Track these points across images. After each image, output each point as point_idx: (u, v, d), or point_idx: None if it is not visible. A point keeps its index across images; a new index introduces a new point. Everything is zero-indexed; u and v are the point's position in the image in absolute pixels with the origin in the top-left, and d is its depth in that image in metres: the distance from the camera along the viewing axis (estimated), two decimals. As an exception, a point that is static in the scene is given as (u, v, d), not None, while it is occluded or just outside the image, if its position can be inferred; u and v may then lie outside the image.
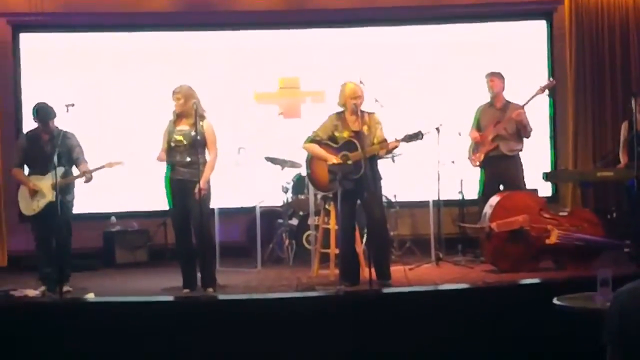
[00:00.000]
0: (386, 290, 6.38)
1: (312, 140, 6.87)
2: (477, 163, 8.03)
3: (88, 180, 6.97)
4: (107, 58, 9.53)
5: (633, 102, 7.55)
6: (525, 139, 7.98)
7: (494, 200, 7.39)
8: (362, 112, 6.77)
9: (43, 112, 6.97)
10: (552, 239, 7.16)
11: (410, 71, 9.59)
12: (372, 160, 6.71)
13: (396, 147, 6.72)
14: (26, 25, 9.46)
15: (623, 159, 8.07)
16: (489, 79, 8.02)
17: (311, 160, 6.94)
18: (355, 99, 6.72)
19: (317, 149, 6.83)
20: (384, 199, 7.29)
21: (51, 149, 6.76)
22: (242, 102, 9.50)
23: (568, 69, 9.37)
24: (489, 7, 9.63)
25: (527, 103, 7.95)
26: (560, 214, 7.54)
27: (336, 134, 6.80)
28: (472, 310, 5.49)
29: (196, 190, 6.57)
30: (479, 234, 7.67)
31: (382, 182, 6.90)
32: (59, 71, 9.41)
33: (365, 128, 6.71)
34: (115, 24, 9.58)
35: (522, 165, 7.99)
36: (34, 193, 6.94)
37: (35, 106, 7.05)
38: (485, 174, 8.01)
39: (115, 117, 9.37)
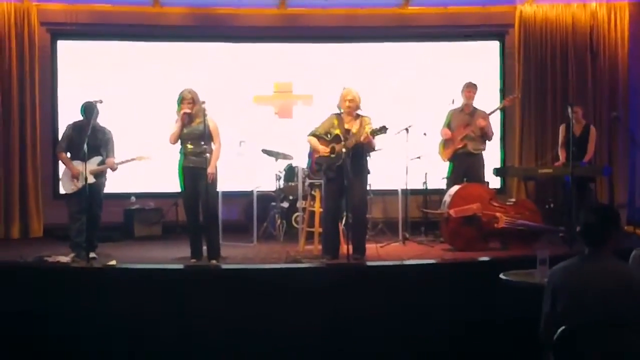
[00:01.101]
0: (361, 263, 6.41)
1: (312, 134, 6.89)
2: (447, 158, 8.07)
3: (113, 170, 7.12)
4: (129, 63, 9.48)
5: (569, 110, 7.62)
6: (487, 141, 8.04)
7: (452, 190, 7.41)
8: (358, 114, 6.76)
9: (89, 110, 6.96)
10: (500, 224, 7.20)
11: (385, 80, 9.57)
12: (359, 154, 6.66)
13: (368, 139, 6.57)
14: (63, 33, 9.37)
15: (562, 155, 8.13)
16: (466, 89, 8.03)
17: (312, 150, 7.00)
18: (346, 101, 6.72)
19: (314, 141, 6.86)
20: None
21: (91, 141, 6.76)
22: (243, 103, 9.48)
23: (516, 81, 9.38)
24: (453, 29, 9.63)
25: (492, 113, 8.04)
26: (507, 203, 7.56)
27: (332, 130, 6.80)
28: (432, 281, 5.54)
29: (205, 175, 6.63)
30: (439, 218, 7.69)
31: (369, 176, 6.90)
32: (88, 72, 9.34)
33: (355, 128, 6.68)
34: (136, 34, 9.51)
35: (484, 162, 8.02)
36: (75, 176, 6.95)
37: (83, 105, 7.04)
38: (454, 168, 8.03)
39: (134, 113, 9.31)
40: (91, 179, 6.82)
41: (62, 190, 7.33)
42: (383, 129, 6.43)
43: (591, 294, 3.26)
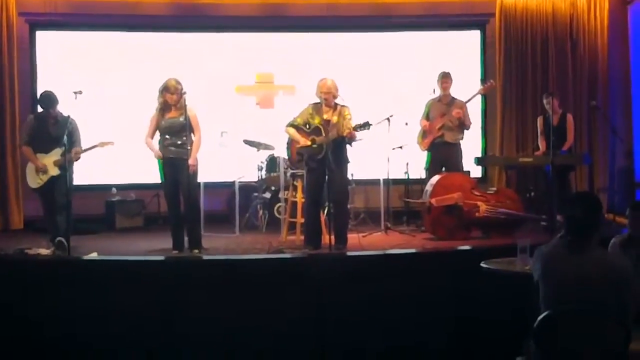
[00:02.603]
0: (343, 253, 6.39)
1: (291, 124, 6.84)
2: (425, 148, 8.06)
3: (76, 160, 6.86)
4: (110, 53, 9.38)
5: (545, 100, 7.69)
6: (465, 130, 8.04)
7: (434, 179, 7.41)
8: (336, 104, 6.72)
9: (47, 100, 6.85)
10: (481, 213, 7.21)
11: (367, 69, 9.55)
12: (340, 145, 6.62)
13: (351, 135, 6.59)
14: (41, 24, 9.26)
15: (542, 145, 8.15)
16: (441, 79, 8.01)
17: (291, 141, 6.91)
18: (323, 93, 6.68)
19: (293, 132, 6.81)
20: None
21: (55, 131, 6.69)
22: (225, 93, 9.42)
23: (497, 71, 9.39)
24: (434, 18, 9.62)
25: (469, 100, 8.02)
26: (488, 192, 7.57)
27: (310, 120, 6.76)
28: (414, 270, 5.53)
29: (186, 166, 6.56)
30: (421, 207, 7.69)
31: (349, 165, 6.85)
32: (68, 63, 9.25)
33: (335, 118, 6.63)
34: (116, 25, 9.40)
35: (461, 152, 8.02)
36: (41, 169, 6.86)
37: (41, 94, 6.94)
38: (431, 157, 8.03)
39: (115, 103, 9.23)
40: (55, 172, 6.75)
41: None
42: (366, 125, 6.41)
43: (575, 283, 3.26)
